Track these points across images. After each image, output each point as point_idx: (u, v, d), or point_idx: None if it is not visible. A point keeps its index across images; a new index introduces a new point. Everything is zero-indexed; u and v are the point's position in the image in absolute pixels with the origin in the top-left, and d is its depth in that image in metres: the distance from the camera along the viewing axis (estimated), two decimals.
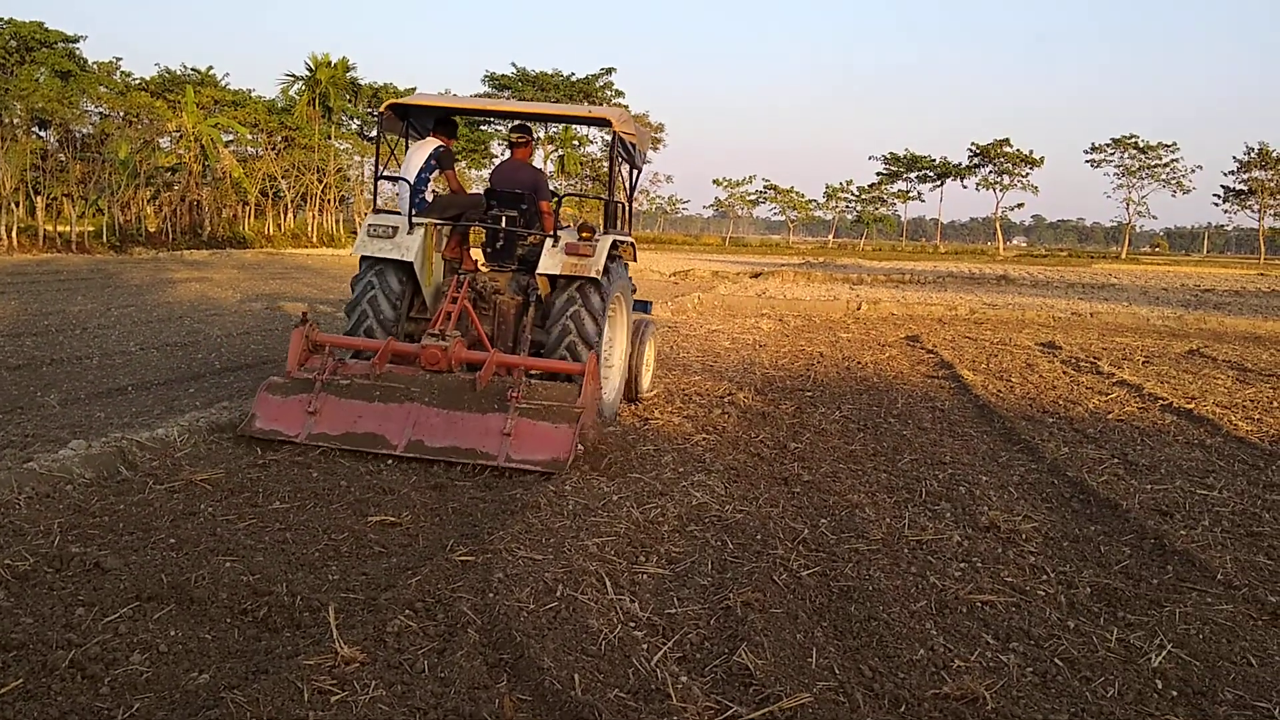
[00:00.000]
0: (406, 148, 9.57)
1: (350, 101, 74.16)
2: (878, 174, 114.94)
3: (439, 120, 9.49)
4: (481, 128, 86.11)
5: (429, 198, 9.17)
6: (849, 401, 10.75)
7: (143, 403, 9.13)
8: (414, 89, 79.26)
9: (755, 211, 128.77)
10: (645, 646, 4.31)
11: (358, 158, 68.01)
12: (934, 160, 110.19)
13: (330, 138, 64.31)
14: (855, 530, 6.12)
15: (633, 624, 4.54)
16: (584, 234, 8.63)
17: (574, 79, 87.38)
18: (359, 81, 74.70)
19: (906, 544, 5.93)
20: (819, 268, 50.74)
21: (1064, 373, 13.37)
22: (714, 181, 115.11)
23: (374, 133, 67.28)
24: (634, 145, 9.80)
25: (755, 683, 4.01)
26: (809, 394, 11.15)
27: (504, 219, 9.26)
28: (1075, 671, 4.28)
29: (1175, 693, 4.13)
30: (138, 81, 62.00)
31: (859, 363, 13.98)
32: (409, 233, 8.72)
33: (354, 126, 77.44)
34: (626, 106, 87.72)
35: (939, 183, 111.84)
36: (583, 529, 5.77)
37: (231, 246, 45.52)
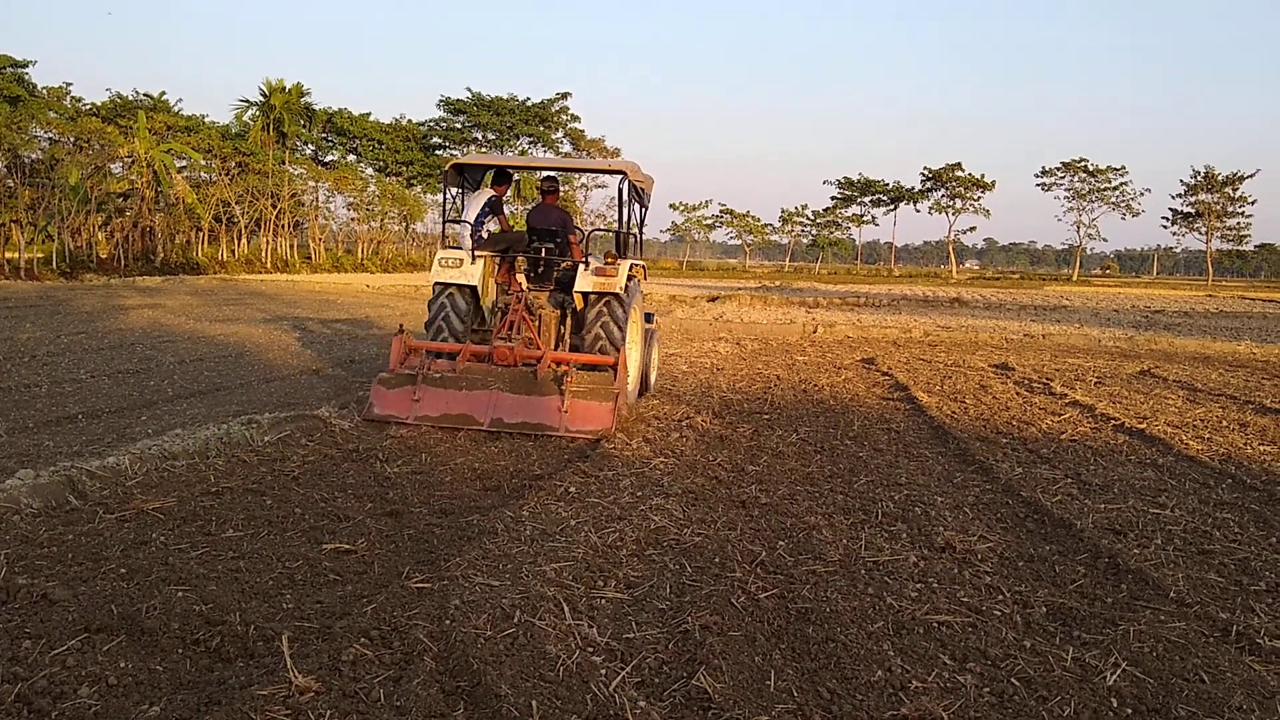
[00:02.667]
0: (463, 198, 11.93)
1: (305, 127, 73.90)
2: (832, 198, 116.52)
3: (498, 173, 12.14)
4: (437, 153, 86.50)
5: (484, 235, 11.53)
6: (806, 424, 10.79)
7: (93, 431, 9.01)
8: (369, 114, 79.77)
9: (712, 236, 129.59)
10: (603, 672, 4.29)
11: (312, 183, 67.80)
12: (887, 184, 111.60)
13: (285, 163, 64.01)
14: (812, 552, 6.13)
15: (591, 649, 4.52)
16: (609, 259, 10.82)
17: (529, 104, 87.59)
18: (313, 107, 74.54)
19: (863, 565, 5.94)
20: (775, 291, 50.92)
21: (1017, 394, 13.49)
22: (670, 206, 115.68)
23: (328, 158, 67.67)
24: (643, 190, 12.24)
25: (714, 706, 3.99)
26: (766, 417, 11.18)
27: (543, 250, 11.60)
28: (1032, 691, 4.30)
29: (1130, 710, 4.16)
30: (89, 106, 61.66)
31: (815, 385, 14.04)
32: (472, 263, 10.96)
33: (308, 152, 77.27)
34: (584, 132, 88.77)
35: (892, 207, 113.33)
36: (540, 554, 5.74)
37: (185, 272, 45.19)
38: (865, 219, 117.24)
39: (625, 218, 11.77)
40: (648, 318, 12.83)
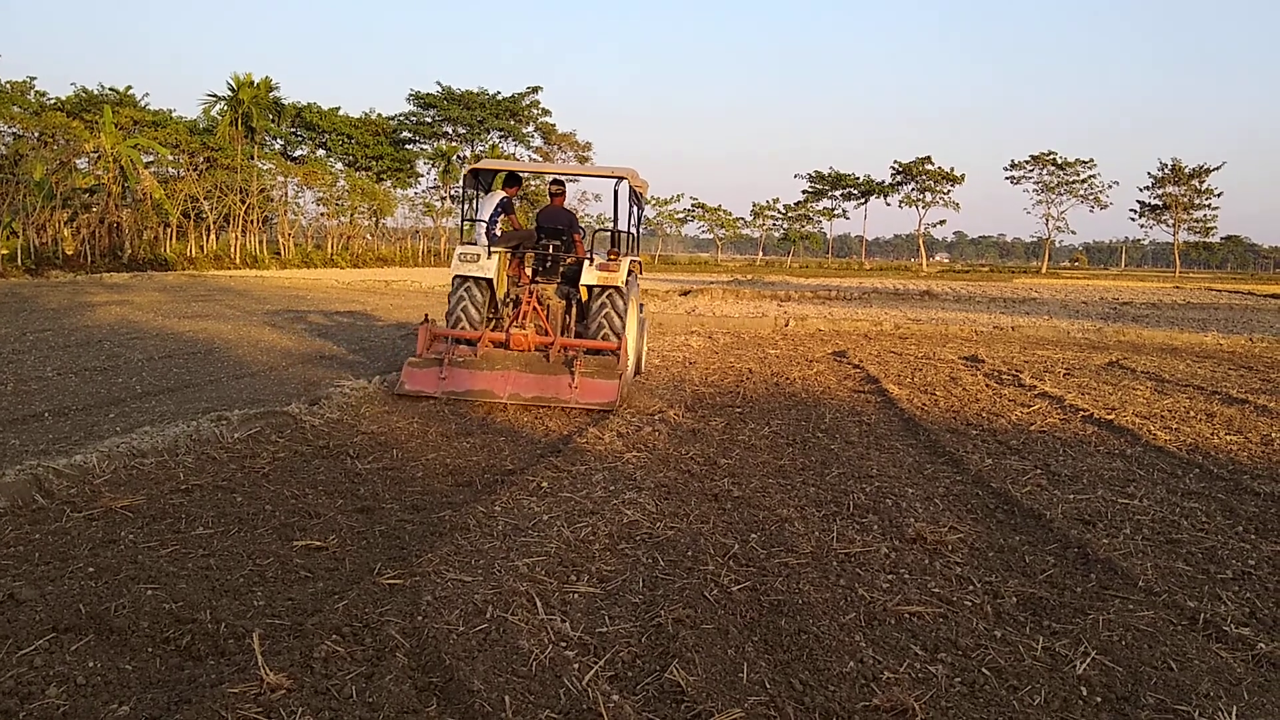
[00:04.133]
0: (478, 199, 13.18)
1: (273, 121, 73.41)
2: (803, 192, 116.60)
3: (509, 176, 13.53)
4: (407, 147, 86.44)
5: (497, 233, 12.78)
6: (778, 417, 10.81)
7: (60, 429, 8.92)
8: (338, 108, 79.49)
9: (683, 229, 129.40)
10: (576, 666, 4.29)
11: (281, 178, 67.34)
12: (858, 178, 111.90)
13: (253, 158, 63.53)
14: (785, 544, 6.15)
15: (564, 644, 4.52)
16: (611, 255, 12.12)
17: (500, 97, 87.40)
18: (282, 101, 74.08)
19: (835, 557, 5.96)
20: (747, 285, 51.07)
21: (987, 385, 13.56)
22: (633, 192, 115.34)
23: (297, 152, 67.45)
24: (641, 193, 13.74)
25: (687, 699, 4.00)
26: (738, 410, 11.20)
27: (551, 247, 12.88)
28: (1002, 680, 4.33)
29: (1099, 699, 4.20)
30: (53, 101, 60.93)
31: (787, 379, 14.08)
32: (488, 258, 12.12)
33: (277, 146, 76.74)
34: (555, 126, 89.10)
35: (863, 200, 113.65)
36: (513, 549, 5.73)
37: (153, 269, 44.81)
38: (836, 213, 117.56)
39: (627, 218, 12.99)
40: (640, 307, 14.14)
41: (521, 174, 14.25)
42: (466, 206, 13.09)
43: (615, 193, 12.66)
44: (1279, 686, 4.34)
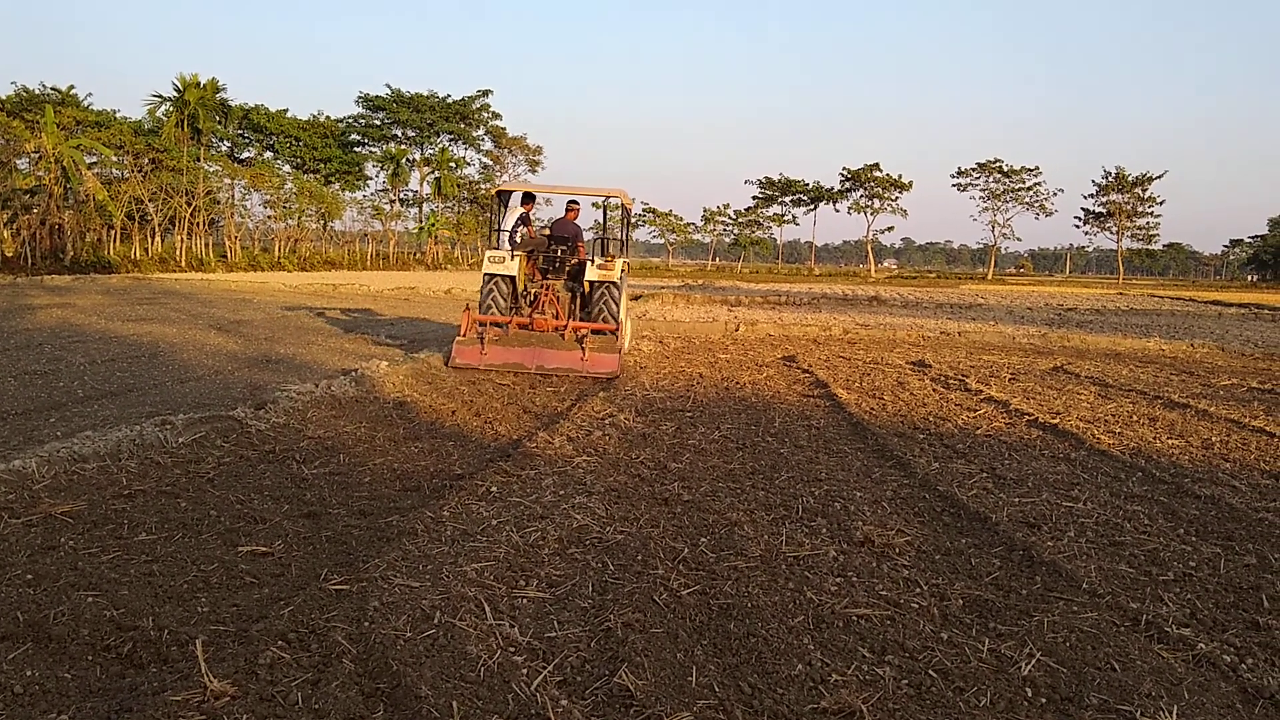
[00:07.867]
0: (502, 213, 16.39)
1: (220, 123, 72.65)
2: (754, 198, 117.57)
3: (525, 195, 17.07)
4: (355, 150, 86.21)
5: (517, 239, 16.00)
6: (728, 421, 10.83)
7: None
8: (286, 110, 79.07)
9: (635, 234, 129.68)
10: (525, 671, 4.27)
11: (228, 180, 66.65)
12: (807, 184, 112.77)
13: (200, 160, 62.79)
14: (734, 548, 6.16)
15: (512, 649, 4.50)
16: (608, 257, 15.59)
17: (450, 101, 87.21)
18: (229, 102, 73.33)
19: (784, 560, 5.98)
20: (698, 290, 51.23)
21: (934, 390, 13.67)
22: (594, 205, 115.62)
23: (244, 154, 67.32)
24: (629, 208, 17.46)
25: (636, 703, 4.00)
26: (689, 414, 11.21)
27: (559, 251, 16.05)
28: (949, 682, 4.36)
29: (1044, 699, 4.24)
30: None
31: (737, 383, 14.11)
32: (511, 259, 15.24)
33: (224, 148, 75.98)
34: (506, 130, 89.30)
35: (812, 206, 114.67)
36: (461, 555, 5.70)
37: (96, 271, 44.20)
38: (786, 219, 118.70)
39: (620, 228, 16.86)
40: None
41: (536, 193, 17.77)
42: (494, 220, 16.54)
43: (603, 208, 16.50)
44: (1218, 686, 4.42)
